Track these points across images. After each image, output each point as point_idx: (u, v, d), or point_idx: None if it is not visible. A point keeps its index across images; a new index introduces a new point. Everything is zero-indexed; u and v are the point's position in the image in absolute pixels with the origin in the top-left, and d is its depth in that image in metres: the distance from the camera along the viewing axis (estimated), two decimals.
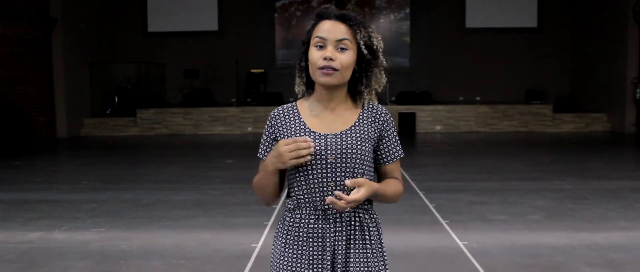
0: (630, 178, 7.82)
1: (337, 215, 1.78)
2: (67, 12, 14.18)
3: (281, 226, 1.86)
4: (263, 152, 1.88)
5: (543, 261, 4.28)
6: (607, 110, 14.57)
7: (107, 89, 15.81)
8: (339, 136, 1.78)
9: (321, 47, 1.74)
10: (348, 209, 1.72)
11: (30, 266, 4.30)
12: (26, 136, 12.57)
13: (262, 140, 1.90)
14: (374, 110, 1.85)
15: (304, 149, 1.70)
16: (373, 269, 1.81)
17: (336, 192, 1.69)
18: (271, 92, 15.71)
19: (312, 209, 1.79)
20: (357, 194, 1.69)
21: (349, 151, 1.76)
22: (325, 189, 1.77)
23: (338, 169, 1.76)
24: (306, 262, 1.79)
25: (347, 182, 1.70)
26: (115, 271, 4.17)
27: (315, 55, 1.74)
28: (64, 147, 13.00)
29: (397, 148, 1.88)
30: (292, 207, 1.83)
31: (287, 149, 1.69)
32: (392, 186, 1.85)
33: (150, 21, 17.26)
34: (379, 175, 1.90)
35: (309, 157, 1.71)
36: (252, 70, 16.27)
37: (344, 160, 1.75)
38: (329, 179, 1.76)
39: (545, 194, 6.65)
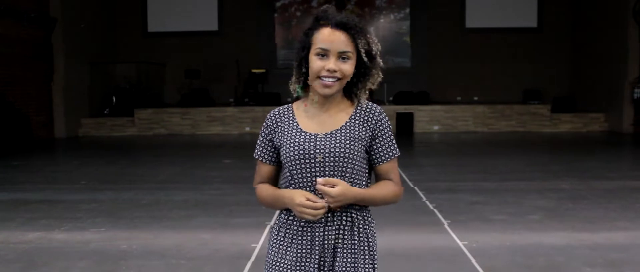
0: (629, 178, 7.83)
1: (329, 216, 1.80)
2: (67, 12, 14.16)
3: (276, 223, 1.92)
4: (259, 152, 1.91)
5: (543, 261, 4.28)
6: (605, 111, 14.58)
7: (105, 89, 15.80)
8: (329, 136, 1.80)
9: (322, 56, 1.75)
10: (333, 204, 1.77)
11: (30, 266, 4.30)
12: (24, 135, 12.55)
13: (258, 140, 1.93)
14: (368, 110, 1.85)
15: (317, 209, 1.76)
16: (359, 269, 1.81)
17: (319, 181, 1.75)
18: (269, 92, 15.70)
19: None
20: (330, 189, 1.73)
21: (337, 150, 1.78)
22: (314, 187, 1.79)
23: (327, 169, 1.78)
24: (292, 259, 1.83)
25: (319, 180, 1.75)
26: (116, 271, 4.17)
27: (316, 64, 1.75)
28: (62, 147, 12.99)
29: (391, 148, 1.87)
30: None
31: (303, 210, 1.76)
32: (382, 189, 1.86)
33: (150, 21, 17.24)
34: (375, 176, 1.91)
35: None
36: (254, 71, 16.24)
37: (332, 159, 1.78)
38: (319, 178, 1.78)
39: (545, 194, 6.66)
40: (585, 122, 14.74)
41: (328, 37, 1.75)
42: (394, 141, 1.89)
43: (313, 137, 1.81)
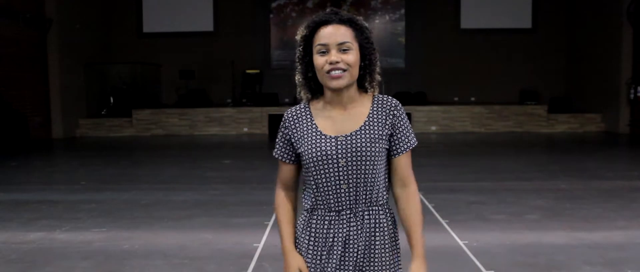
0: (625, 178, 7.89)
1: (351, 216, 1.80)
2: (63, 13, 14.15)
3: (298, 223, 1.91)
4: (278, 151, 1.91)
5: (544, 260, 4.32)
6: (602, 111, 14.66)
7: (102, 90, 15.78)
8: (349, 138, 1.78)
9: (324, 52, 1.76)
10: None
11: (33, 266, 4.30)
12: (22, 136, 12.53)
13: (277, 139, 1.93)
14: (384, 105, 1.84)
15: None
16: (388, 267, 1.83)
17: None
18: (266, 93, 15.71)
19: (326, 210, 1.82)
20: None
21: (360, 153, 1.77)
22: (338, 191, 1.79)
23: (350, 172, 1.77)
24: (312, 258, 1.83)
25: None
26: (119, 271, 4.18)
27: (320, 61, 1.76)
28: (60, 147, 12.97)
29: (409, 137, 1.86)
30: (309, 208, 1.87)
31: None
32: (416, 219, 1.91)
33: (146, 22, 17.24)
34: (391, 169, 1.88)
35: None
36: (248, 71, 16.25)
37: (355, 162, 1.77)
38: (342, 182, 1.78)
39: (543, 194, 6.70)
40: (581, 123, 14.82)
41: (326, 33, 1.76)
42: (411, 131, 1.87)
43: (333, 139, 1.79)
